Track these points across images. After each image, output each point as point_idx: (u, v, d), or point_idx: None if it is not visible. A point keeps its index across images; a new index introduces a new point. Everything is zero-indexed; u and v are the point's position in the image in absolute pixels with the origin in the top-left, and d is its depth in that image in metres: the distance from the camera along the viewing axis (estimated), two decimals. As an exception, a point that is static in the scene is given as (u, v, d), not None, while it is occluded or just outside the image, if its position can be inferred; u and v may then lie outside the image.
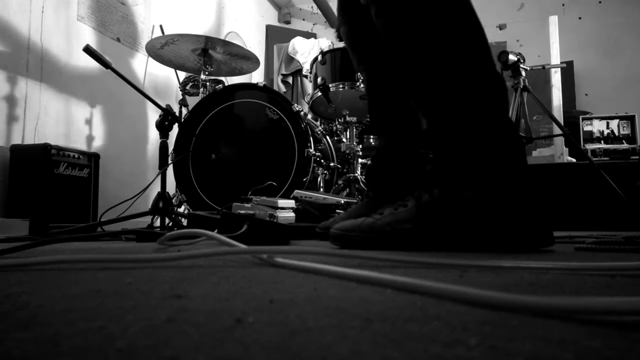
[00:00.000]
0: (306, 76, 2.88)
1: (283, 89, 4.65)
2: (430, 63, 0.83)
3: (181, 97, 2.65)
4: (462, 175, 0.79)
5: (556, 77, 3.70)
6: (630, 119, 3.49)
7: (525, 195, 0.78)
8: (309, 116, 2.37)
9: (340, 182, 2.29)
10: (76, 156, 2.25)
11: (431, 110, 0.86)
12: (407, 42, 0.85)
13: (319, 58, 2.48)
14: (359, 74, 2.32)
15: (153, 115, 3.19)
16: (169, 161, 1.99)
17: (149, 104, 2.90)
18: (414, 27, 0.83)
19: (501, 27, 4.78)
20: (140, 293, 0.35)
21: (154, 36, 3.06)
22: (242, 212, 1.40)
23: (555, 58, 3.62)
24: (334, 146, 2.32)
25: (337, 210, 1.68)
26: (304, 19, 5.70)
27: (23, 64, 2.33)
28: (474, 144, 0.80)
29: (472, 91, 0.81)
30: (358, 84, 2.34)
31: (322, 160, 2.07)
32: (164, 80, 3.39)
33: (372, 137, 2.55)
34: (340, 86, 2.37)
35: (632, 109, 3.84)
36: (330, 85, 2.37)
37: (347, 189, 2.32)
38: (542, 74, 3.85)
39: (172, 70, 2.89)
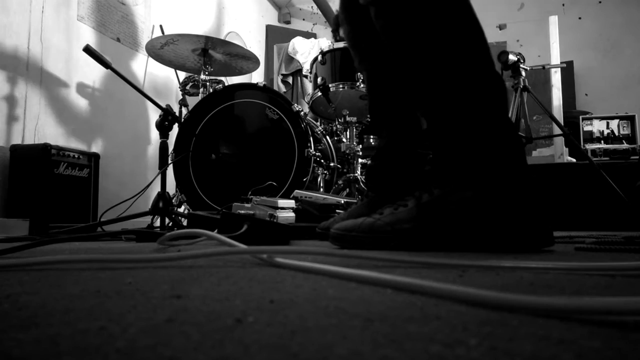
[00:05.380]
0: (306, 76, 2.87)
1: (283, 89, 4.65)
2: (429, 64, 0.83)
3: (181, 97, 2.66)
4: (462, 176, 0.79)
5: (556, 77, 3.70)
6: (630, 119, 3.49)
7: (526, 195, 0.78)
8: (309, 116, 2.37)
9: (340, 182, 2.29)
10: (76, 156, 2.25)
11: (431, 110, 0.86)
12: (407, 43, 0.85)
13: (319, 58, 2.48)
14: (359, 74, 2.32)
15: (153, 115, 3.19)
16: (169, 161, 1.99)
17: (149, 104, 2.90)
18: (413, 29, 0.83)
19: (501, 27, 4.78)
20: (140, 293, 0.35)
21: (154, 36, 3.06)
22: (242, 212, 1.40)
23: (555, 58, 3.62)
24: (334, 146, 2.32)
25: (337, 210, 1.68)
26: (304, 19, 5.70)
27: (23, 64, 2.33)
28: (474, 144, 0.80)
29: (472, 91, 0.81)
30: (358, 84, 2.34)
31: (322, 160, 2.07)
32: (164, 80, 3.39)
33: (372, 137, 2.55)
34: (340, 86, 2.37)
35: (632, 109, 3.83)
36: (330, 85, 2.37)
37: (347, 189, 2.31)
38: (542, 74, 3.86)
39: (172, 70, 2.89)
